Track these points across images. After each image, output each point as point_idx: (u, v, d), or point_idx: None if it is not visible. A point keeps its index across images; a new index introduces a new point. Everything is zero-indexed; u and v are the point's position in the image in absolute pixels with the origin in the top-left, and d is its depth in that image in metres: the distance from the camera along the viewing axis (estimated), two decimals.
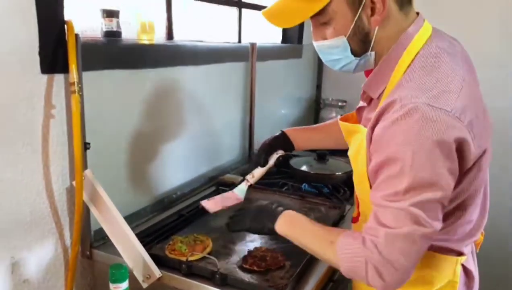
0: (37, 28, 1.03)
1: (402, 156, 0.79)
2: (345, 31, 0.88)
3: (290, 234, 1.00)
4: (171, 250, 1.18)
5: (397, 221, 0.80)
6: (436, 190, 0.79)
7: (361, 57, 0.92)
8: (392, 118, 0.80)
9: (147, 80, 1.41)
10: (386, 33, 0.89)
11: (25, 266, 1.10)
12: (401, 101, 0.80)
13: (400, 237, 0.80)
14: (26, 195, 1.08)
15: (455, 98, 0.80)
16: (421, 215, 0.79)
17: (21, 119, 1.04)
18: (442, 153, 0.78)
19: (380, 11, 0.85)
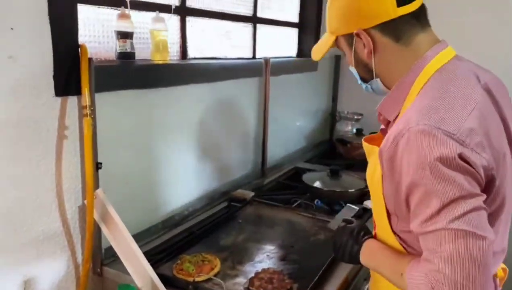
0: (52, 53, 1.07)
1: (421, 180, 0.80)
2: (351, 62, 1.01)
3: (372, 267, 1.04)
4: (178, 270, 1.20)
5: (443, 243, 0.79)
6: (466, 199, 0.79)
7: (368, 83, 1.01)
8: (404, 145, 0.83)
9: (160, 99, 1.43)
10: (384, 62, 0.96)
11: (37, 284, 1.13)
12: (411, 126, 0.82)
13: (453, 258, 0.78)
14: (40, 213, 1.11)
15: (463, 120, 0.82)
16: (464, 227, 0.78)
17: (36, 139, 1.08)
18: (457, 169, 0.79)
19: (368, 45, 0.94)
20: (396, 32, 0.93)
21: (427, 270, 0.81)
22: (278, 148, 2.28)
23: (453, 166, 0.79)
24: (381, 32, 0.93)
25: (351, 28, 0.95)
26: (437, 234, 0.79)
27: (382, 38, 0.93)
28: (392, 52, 0.94)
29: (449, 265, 0.78)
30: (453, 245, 0.78)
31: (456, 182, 0.79)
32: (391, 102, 0.96)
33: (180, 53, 1.65)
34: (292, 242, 1.41)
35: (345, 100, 2.86)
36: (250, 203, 1.72)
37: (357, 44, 0.96)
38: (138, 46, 1.47)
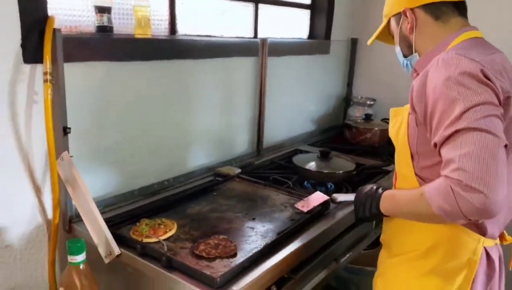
0: (20, 23, 1.16)
1: (447, 92, 0.92)
2: (397, 40, 1.21)
3: (392, 211, 1.13)
4: (135, 231, 1.27)
5: (464, 141, 0.87)
6: (486, 105, 0.89)
7: (408, 58, 1.19)
8: (434, 69, 0.98)
9: (139, 72, 1.50)
10: (424, 38, 1.13)
11: (7, 234, 1.25)
12: (440, 56, 0.99)
13: (473, 152, 0.85)
14: (9, 171, 1.22)
15: (485, 56, 0.98)
16: (483, 126, 0.87)
17: (5, 101, 1.18)
18: (479, 81, 0.91)
19: (411, 22, 1.13)
20: (436, 12, 1.10)
21: (447, 172, 0.88)
22: (280, 130, 2.29)
23: (477, 79, 0.91)
24: (424, 11, 1.11)
25: (399, 7, 1.14)
26: (458, 135, 0.88)
27: (424, 16, 1.11)
28: (431, 28, 1.12)
29: (468, 159, 0.85)
30: (472, 142, 0.86)
31: (478, 90, 0.90)
32: (426, 59, 1.09)
33: (168, 30, 1.71)
34: (255, 215, 1.44)
35: (359, 85, 2.80)
36: (233, 179, 1.76)
37: (403, 21, 1.15)
38: (123, 22, 1.56)
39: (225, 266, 1.12)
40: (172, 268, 1.12)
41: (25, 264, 1.31)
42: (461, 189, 0.84)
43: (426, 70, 1.00)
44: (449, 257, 1.08)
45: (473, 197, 0.83)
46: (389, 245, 1.23)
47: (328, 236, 1.44)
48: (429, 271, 1.10)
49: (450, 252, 1.07)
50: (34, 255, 1.32)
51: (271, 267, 1.17)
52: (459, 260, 1.07)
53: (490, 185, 0.83)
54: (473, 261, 1.06)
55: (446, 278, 1.09)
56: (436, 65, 0.97)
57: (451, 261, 1.08)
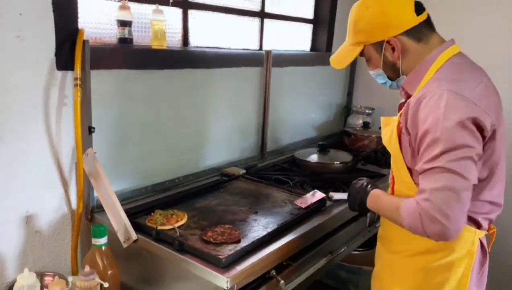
0: (54, 35, 1.34)
1: (434, 129, 1.04)
2: (379, 65, 1.24)
3: (375, 209, 1.29)
4: (150, 220, 1.42)
5: (437, 178, 1.04)
6: (464, 149, 1.03)
7: (396, 80, 1.26)
8: (426, 103, 1.08)
9: (156, 79, 1.67)
10: (409, 61, 1.20)
11: (37, 221, 1.41)
12: (432, 92, 1.08)
13: (442, 189, 1.02)
14: (40, 164, 1.38)
15: (473, 88, 1.09)
16: (456, 169, 1.02)
17: (40, 104, 1.35)
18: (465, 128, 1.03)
19: (398, 49, 1.18)
20: (418, 35, 1.18)
21: (419, 199, 1.06)
22: (283, 135, 2.45)
23: (462, 126, 1.03)
24: (407, 36, 1.17)
25: (382, 36, 1.18)
26: (434, 171, 1.04)
27: (408, 41, 1.17)
28: (415, 51, 1.18)
29: (437, 194, 1.02)
30: (444, 180, 1.02)
31: (461, 134, 1.03)
32: (413, 79, 1.20)
33: (181, 42, 1.89)
34: (258, 209, 1.59)
35: (359, 94, 2.96)
36: (238, 178, 1.92)
37: (386, 49, 1.19)
38: (141, 34, 1.73)
39: (230, 250, 1.27)
40: (183, 251, 1.27)
41: (52, 249, 1.46)
42: (427, 217, 1.03)
43: (419, 101, 1.09)
44: (452, 250, 1.17)
45: (435, 226, 1.02)
46: (388, 241, 1.33)
47: (324, 230, 1.59)
48: (434, 265, 1.19)
49: (453, 246, 1.17)
50: (59, 241, 1.48)
51: (271, 252, 1.31)
52: (461, 252, 1.17)
53: (450, 218, 1.01)
54: (472, 251, 1.18)
55: (449, 269, 1.19)
56: (429, 99, 1.07)
57: (454, 254, 1.17)
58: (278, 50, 2.33)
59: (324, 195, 1.67)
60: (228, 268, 1.20)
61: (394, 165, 1.26)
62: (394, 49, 1.18)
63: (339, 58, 1.29)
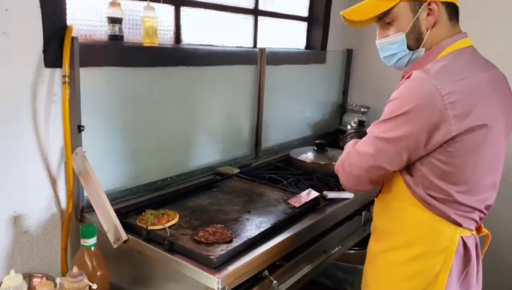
0: (42, 32, 1.31)
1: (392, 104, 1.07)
2: (404, 28, 1.13)
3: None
4: (141, 219, 1.40)
5: (364, 142, 1.15)
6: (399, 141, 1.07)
7: (414, 51, 1.16)
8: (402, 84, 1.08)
9: (147, 76, 1.65)
10: (435, 34, 1.13)
11: (25, 221, 1.38)
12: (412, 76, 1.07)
13: (356, 152, 1.17)
14: (28, 163, 1.36)
15: (450, 83, 1.02)
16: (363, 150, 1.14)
17: (27, 101, 1.32)
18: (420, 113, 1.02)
19: (435, 14, 1.10)
20: (452, 13, 1.13)
21: (342, 157, 1.25)
22: (277, 134, 2.43)
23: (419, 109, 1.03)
24: (445, 7, 1.12)
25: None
26: (367, 138, 1.15)
27: (444, 13, 1.12)
28: (443, 27, 1.13)
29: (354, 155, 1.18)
30: (365, 147, 1.14)
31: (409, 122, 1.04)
32: (416, 66, 1.13)
33: (174, 39, 1.86)
34: (251, 208, 1.57)
35: (354, 93, 2.94)
36: (232, 177, 1.89)
37: (423, 11, 1.11)
38: (133, 31, 1.70)
39: (221, 250, 1.25)
40: (174, 251, 1.25)
41: (41, 249, 1.44)
42: (341, 167, 1.24)
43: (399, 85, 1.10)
44: (430, 244, 1.17)
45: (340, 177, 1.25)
46: (378, 233, 1.32)
47: (318, 229, 1.57)
48: (412, 258, 1.19)
49: (430, 240, 1.17)
50: (49, 241, 1.45)
51: (263, 252, 1.29)
52: (437, 247, 1.16)
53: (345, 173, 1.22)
54: (450, 249, 1.16)
55: (426, 264, 1.18)
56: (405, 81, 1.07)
57: (431, 248, 1.17)
58: (273, 48, 2.31)
59: (319, 194, 1.65)
60: (219, 268, 1.18)
61: None
62: (429, 14, 1.11)
63: (357, 12, 1.19)
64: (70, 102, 1.37)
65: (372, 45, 1.28)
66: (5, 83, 1.26)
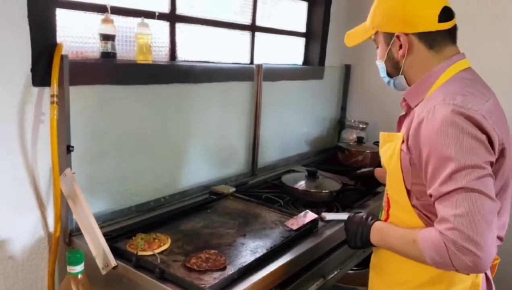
0: (30, 50, 1.27)
1: (442, 147, 0.94)
2: (383, 56, 1.17)
3: (383, 245, 1.16)
4: (131, 244, 1.34)
5: (460, 201, 0.91)
6: (481, 165, 0.92)
7: (394, 78, 1.19)
8: (429, 119, 0.99)
9: (141, 94, 1.60)
10: (414, 64, 1.12)
11: (10, 245, 1.32)
12: (436, 106, 0.99)
13: (467, 213, 0.90)
14: (14, 185, 1.30)
15: (482, 103, 0.99)
16: (480, 188, 0.91)
17: (15, 121, 1.28)
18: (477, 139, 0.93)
19: (404, 47, 1.10)
20: (431, 42, 1.09)
21: (442, 228, 0.93)
22: (275, 151, 2.38)
23: (473, 136, 0.93)
24: (418, 39, 1.09)
25: (394, 28, 1.11)
26: (454, 194, 0.92)
27: (418, 43, 1.10)
28: (423, 57, 1.10)
29: (463, 220, 0.89)
30: (468, 203, 0.90)
31: (474, 149, 0.93)
32: (416, 91, 1.12)
33: (169, 56, 1.82)
34: (246, 231, 1.51)
35: (353, 108, 2.90)
36: (227, 197, 1.84)
37: (394, 43, 1.12)
38: (126, 48, 1.66)
39: (214, 278, 1.19)
40: (164, 279, 1.19)
41: (26, 275, 1.38)
42: (455, 248, 0.90)
43: (421, 116, 1.00)
44: (455, 283, 1.09)
45: (466, 257, 0.89)
46: (383, 271, 1.23)
47: (316, 253, 1.51)
48: None
49: (455, 278, 1.09)
50: (35, 267, 1.39)
51: (259, 280, 1.23)
52: (464, 284, 1.09)
53: (482, 247, 0.88)
54: (477, 283, 1.09)
55: None
56: (432, 115, 0.98)
57: (457, 286, 1.09)
58: (270, 64, 2.28)
59: (317, 216, 1.60)
60: None
61: (391, 186, 1.17)
62: (401, 46, 1.11)
63: (353, 34, 1.25)
64: (59, 122, 1.32)
65: (370, 61, 1.33)
66: None
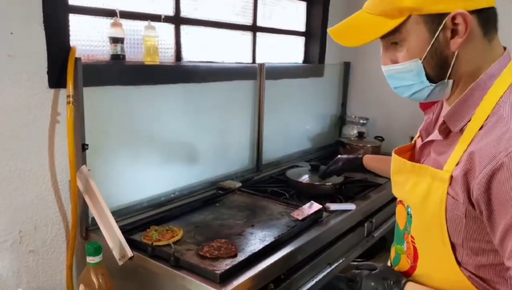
0: (46, 53, 1.34)
1: None
2: (420, 54, 0.81)
3: None
4: (145, 236, 1.41)
5: None
6: None
7: (437, 84, 0.83)
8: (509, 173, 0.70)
9: (150, 94, 1.67)
10: (467, 59, 0.80)
11: (31, 240, 1.39)
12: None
13: None
14: (34, 183, 1.37)
15: None
16: None
17: (32, 122, 1.35)
18: None
19: (462, 33, 0.77)
20: (487, 24, 0.80)
21: None
22: (278, 147, 2.45)
23: None
24: (478, 20, 0.78)
25: (449, 5, 0.76)
26: None
27: (476, 27, 0.78)
28: (478, 48, 0.80)
29: None
30: None
31: None
32: (462, 109, 0.81)
33: (174, 57, 1.89)
34: (254, 222, 1.58)
35: (353, 105, 2.97)
36: (234, 192, 1.91)
37: (444, 29, 0.78)
38: (134, 50, 1.73)
39: (226, 265, 1.26)
40: (179, 267, 1.25)
41: (46, 268, 1.44)
42: None
43: (498, 162, 0.71)
44: None
45: None
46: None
47: (321, 241, 1.58)
48: None
49: None
50: (54, 260, 1.46)
51: (268, 266, 1.30)
52: None
53: None
54: None
55: None
56: None
57: None
58: (271, 63, 2.35)
59: (321, 206, 1.66)
60: (224, 283, 1.18)
61: (424, 235, 0.90)
62: (454, 33, 0.78)
63: (356, 28, 0.86)
64: (74, 121, 1.39)
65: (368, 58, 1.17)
66: (11, 103, 1.29)
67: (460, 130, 0.82)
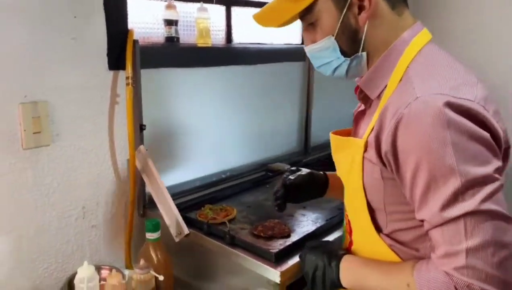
0: (106, 36, 1.38)
1: (435, 157, 0.70)
2: (332, 30, 0.86)
3: (359, 288, 0.88)
4: (200, 214, 1.45)
5: (472, 230, 0.67)
6: (491, 179, 0.69)
7: (352, 57, 0.89)
8: (411, 119, 0.73)
9: (200, 76, 1.70)
10: (377, 32, 0.86)
11: (93, 214, 1.46)
12: (421, 95, 0.73)
13: (486, 244, 0.67)
14: (95, 161, 1.43)
15: (475, 89, 0.76)
16: (493, 208, 0.67)
17: (93, 103, 1.40)
18: (482, 144, 0.70)
19: (366, 8, 0.83)
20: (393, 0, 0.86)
21: (449, 268, 0.69)
22: (327, 129, 2.40)
23: (477, 137, 0.70)
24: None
25: None
26: (463, 220, 0.68)
27: (382, 2, 0.85)
28: (387, 20, 0.86)
29: (480, 254, 0.66)
30: (484, 231, 0.67)
31: (481, 155, 0.69)
32: (376, 75, 0.87)
33: (225, 39, 1.90)
34: (306, 204, 1.57)
35: None
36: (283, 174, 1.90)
37: (351, 5, 0.84)
38: (187, 32, 1.76)
39: (280, 244, 1.27)
40: (234, 245, 1.28)
41: (107, 243, 1.52)
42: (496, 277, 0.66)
43: (397, 116, 0.75)
44: None
45: None
46: None
47: None
48: None
49: None
50: (114, 235, 1.53)
51: None
52: None
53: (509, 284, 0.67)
54: None
55: None
56: (415, 111, 0.73)
57: None
58: None
59: None
60: (279, 262, 1.20)
61: (352, 207, 0.95)
62: (361, 9, 0.84)
63: (273, 12, 0.93)
64: (133, 102, 1.43)
65: None
66: (74, 85, 1.34)
67: (378, 97, 0.87)
